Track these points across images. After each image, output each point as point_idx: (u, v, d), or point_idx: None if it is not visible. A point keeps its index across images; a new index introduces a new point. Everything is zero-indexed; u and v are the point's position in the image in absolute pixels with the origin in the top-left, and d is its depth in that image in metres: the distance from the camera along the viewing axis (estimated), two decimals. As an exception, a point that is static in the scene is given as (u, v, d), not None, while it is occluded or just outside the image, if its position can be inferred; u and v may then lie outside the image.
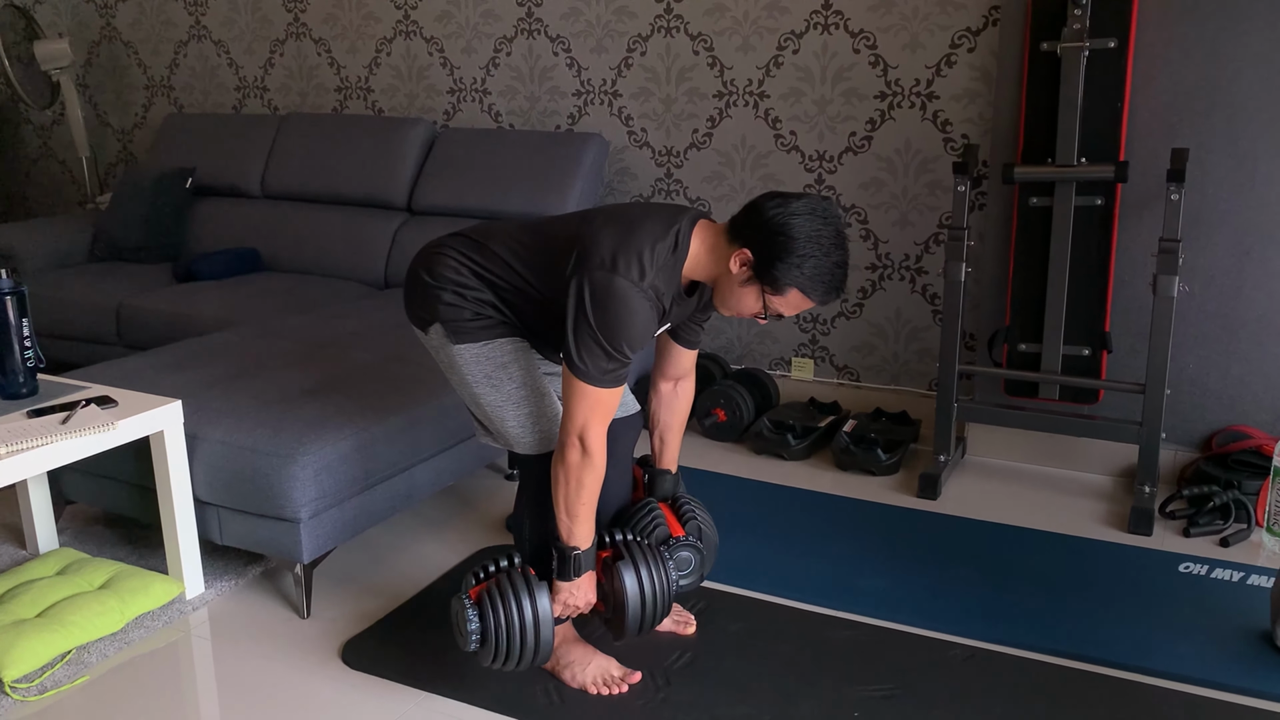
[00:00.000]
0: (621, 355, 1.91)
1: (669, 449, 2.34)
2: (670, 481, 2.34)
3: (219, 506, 2.50)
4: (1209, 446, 3.13)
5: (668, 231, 1.95)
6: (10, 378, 2.45)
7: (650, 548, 2.10)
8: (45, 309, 3.73)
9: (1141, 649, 2.30)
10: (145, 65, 5.03)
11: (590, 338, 1.89)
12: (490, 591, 2.01)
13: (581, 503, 1.98)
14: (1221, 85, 2.94)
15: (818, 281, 1.90)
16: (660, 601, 2.07)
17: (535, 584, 2.01)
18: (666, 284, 1.95)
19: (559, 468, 1.97)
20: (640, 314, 1.90)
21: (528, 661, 2.03)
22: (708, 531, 2.27)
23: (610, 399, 1.94)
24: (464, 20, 4.16)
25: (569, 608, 2.06)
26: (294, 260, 4.14)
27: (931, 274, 3.52)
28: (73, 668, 2.28)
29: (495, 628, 1.98)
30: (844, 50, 3.49)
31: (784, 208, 1.89)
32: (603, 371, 1.91)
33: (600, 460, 1.96)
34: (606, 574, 2.08)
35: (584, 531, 2.01)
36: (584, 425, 1.93)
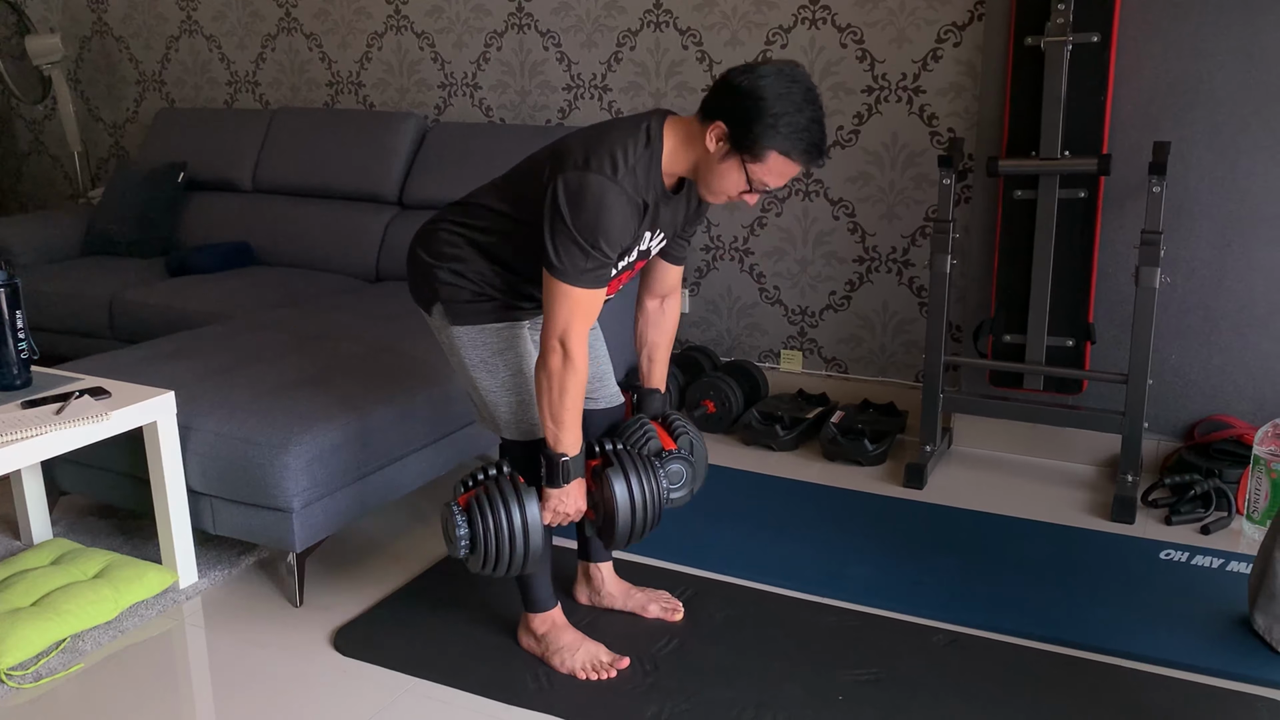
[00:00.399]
0: (600, 253, 1.90)
1: (657, 367, 2.33)
2: (660, 400, 2.32)
3: (212, 496, 2.52)
4: (1191, 436, 3.18)
5: (638, 128, 1.95)
6: (4, 369, 2.47)
7: (642, 457, 2.09)
8: (38, 303, 3.74)
9: (1122, 634, 2.34)
10: (137, 60, 5.04)
11: (566, 235, 1.88)
12: (479, 498, 2.01)
13: (565, 408, 1.97)
14: (1203, 79, 2.97)
15: (795, 139, 1.86)
16: (651, 510, 2.06)
17: (524, 490, 2.01)
18: (645, 179, 1.93)
19: (541, 374, 1.97)
20: (616, 209, 1.89)
21: (517, 567, 2.03)
22: (699, 446, 2.26)
23: (590, 301, 1.94)
24: (455, 15, 4.18)
25: (558, 515, 2.06)
26: (286, 254, 4.16)
27: (918, 267, 3.56)
28: (67, 656, 2.30)
29: (485, 534, 1.98)
30: (831, 45, 3.53)
31: (750, 73, 1.87)
32: (580, 270, 1.90)
33: (582, 364, 1.95)
34: (597, 482, 2.08)
35: (570, 438, 2.00)
36: (564, 328, 1.93)
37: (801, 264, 3.74)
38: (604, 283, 1.95)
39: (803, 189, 3.67)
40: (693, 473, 2.18)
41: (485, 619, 2.42)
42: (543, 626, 2.26)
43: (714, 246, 3.87)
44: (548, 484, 2.04)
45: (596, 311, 1.98)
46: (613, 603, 2.45)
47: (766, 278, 3.81)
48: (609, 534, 2.08)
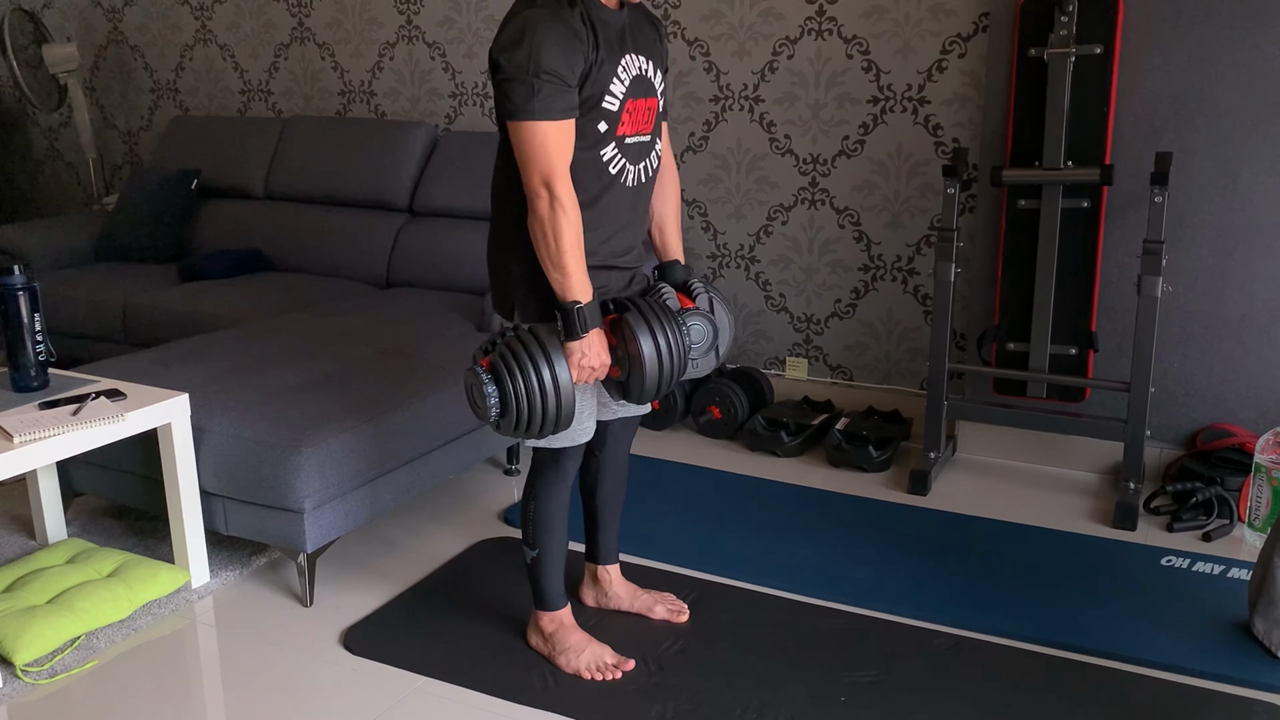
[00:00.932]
0: (545, 76, 1.86)
1: (669, 237, 2.28)
2: (681, 270, 2.26)
3: (224, 497, 2.56)
4: (1193, 444, 3.20)
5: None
6: (22, 371, 2.51)
7: (662, 305, 2.05)
8: (53, 308, 3.78)
9: (1124, 638, 2.37)
10: (151, 68, 5.11)
11: (507, 77, 1.87)
12: (504, 356, 1.94)
13: (564, 252, 1.92)
14: (1205, 91, 3.00)
15: None
16: (676, 359, 2.01)
17: (549, 343, 1.95)
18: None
19: (533, 225, 1.93)
20: (543, 27, 1.86)
21: (550, 426, 1.97)
22: (719, 308, 2.19)
23: (559, 135, 1.89)
24: (465, 25, 4.23)
25: (584, 370, 1.98)
26: (297, 260, 4.20)
27: (923, 275, 3.59)
28: (82, 653, 2.34)
29: (515, 391, 1.91)
30: (837, 56, 3.56)
31: None
32: (531, 101, 1.86)
33: (571, 205, 1.92)
34: (618, 334, 2.03)
35: (578, 283, 1.94)
36: (546, 171, 1.89)
37: (807, 272, 3.77)
38: (567, 111, 1.90)
39: (808, 197, 3.71)
40: (715, 331, 2.12)
41: (494, 619, 2.45)
42: (551, 626, 2.29)
43: (720, 254, 3.90)
44: (566, 337, 1.96)
45: (569, 147, 1.92)
46: (619, 604, 2.49)
47: (772, 285, 3.84)
48: (638, 383, 2.01)
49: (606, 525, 2.45)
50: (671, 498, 3.13)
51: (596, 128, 1.99)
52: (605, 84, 1.97)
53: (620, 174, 2.06)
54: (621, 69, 2.00)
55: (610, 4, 1.99)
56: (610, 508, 2.43)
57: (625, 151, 2.06)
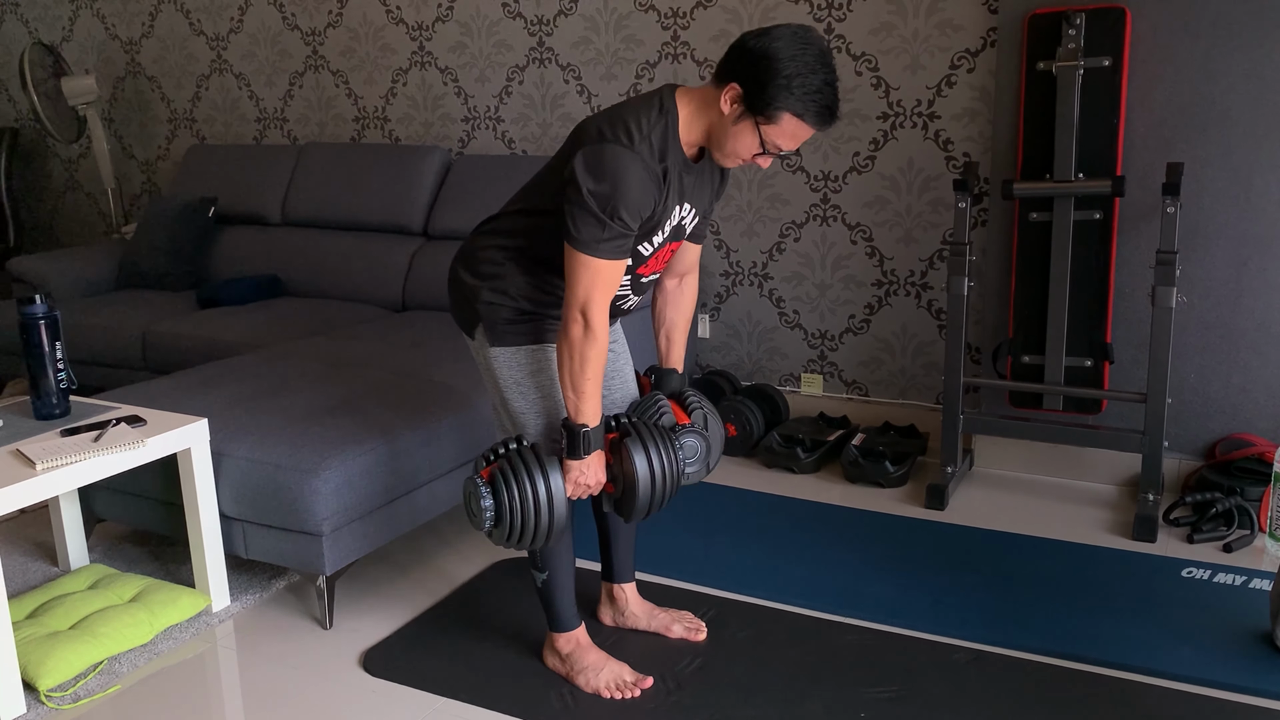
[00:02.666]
0: (619, 222, 1.91)
1: (675, 347, 2.34)
2: (677, 379, 2.34)
3: (244, 521, 2.58)
4: (1212, 454, 3.18)
5: (651, 100, 1.98)
6: (44, 399, 2.55)
7: (659, 428, 2.12)
8: (73, 336, 3.83)
9: (1144, 651, 2.35)
10: (168, 99, 5.18)
11: (583, 206, 1.90)
12: (503, 469, 2.02)
13: (586, 378, 1.99)
14: (1215, 100, 3.00)
15: (809, 101, 1.87)
16: (669, 482, 2.08)
17: (547, 461, 2.03)
18: (662, 146, 1.95)
19: (563, 344, 2.00)
20: (633, 176, 1.90)
21: (541, 538, 2.05)
22: (713, 423, 2.27)
23: (611, 272, 1.96)
24: (477, 50, 4.27)
25: (579, 486, 2.07)
26: (314, 285, 4.24)
27: (936, 289, 3.59)
28: (104, 677, 2.36)
29: (510, 505, 1.99)
30: (846, 73, 3.58)
31: (764, 36, 1.89)
32: (599, 240, 1.92)
33: (603, 335, 1.98)
34: (615, 454, 2.10)
35: (590, 408, 2.02)
36: (585, 299, 1.95)
37: (820, 288, 3.78)
38: (624, 254, 1.96)
39: (820, 214, 3.72)
40: (707, 447, 2.19)
41: (511, 639, 2.46)
42: (567, 646, 2.29)
43: (733, 272, 3.92)
44: (569, 455, 2.05)
45: (616, 284, 1.99)
46: (636, 623, 2.49)
47: (786, 302, 3.85)
48: (629, 505, 2.09)
49: (619, 544, 2.45)
50: (688, 515, 3.13)
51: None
52: (650, 234, 2.04)
53: (622, 300, 2.16)
54: (670, 219, 2.06)
55: (691, 157, 2.03)
56: (622, 526, 2.44)
57: (636, 286, 2.15)
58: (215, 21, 4.91)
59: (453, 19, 4.29)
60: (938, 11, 3.41)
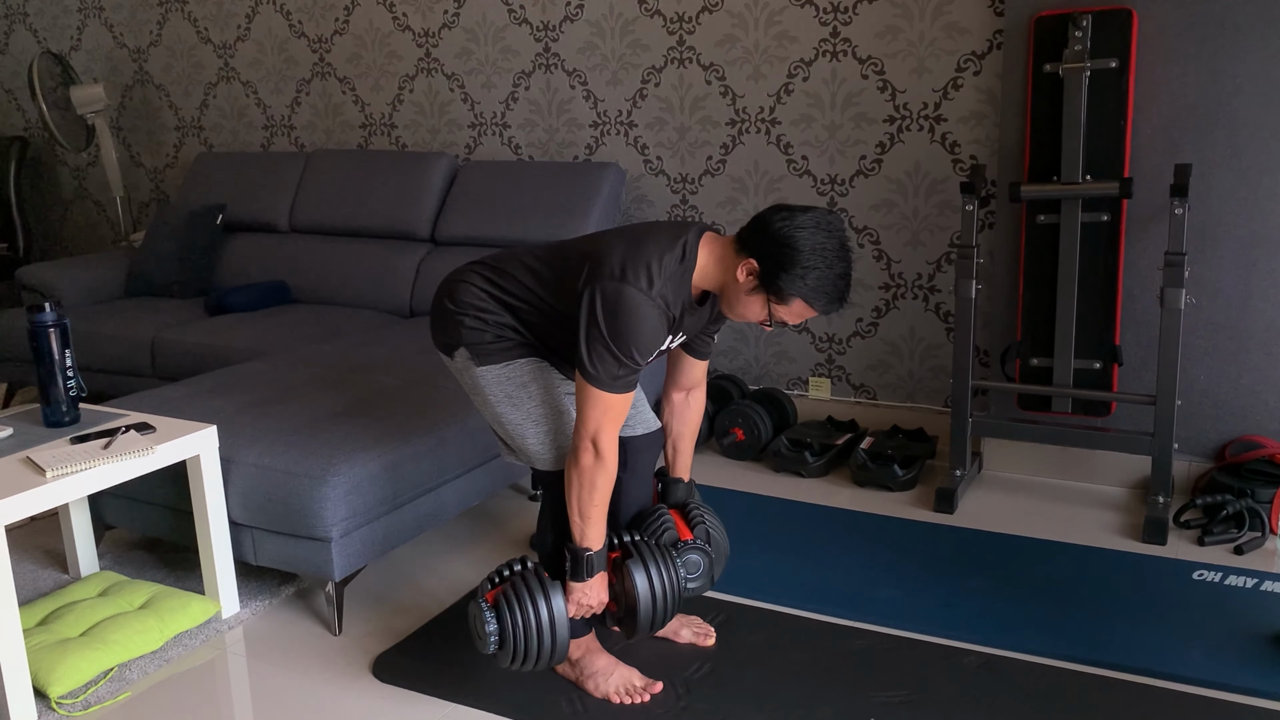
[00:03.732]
0: (631, 361, 1.98)
1: (681, 457, 2.41)
2: (683, 489, 2.40)
3: (253, 528, 2.59)
4: (1222, 456, 3.17)
5: (675, 243, 2.03)
6: (54, 406, 2.56)
7: (659, 548, 2.16)
8: (83, 343, 3.85)
9: (1155, 654, 2.34)
10: (176, 107, 5.20)
11: (601, 344, 1.96)
12: (506, 594, 2.08)
13: (594, 504, 2.05)
14: (1222, 101, 3.00)
15: (820, 292, 1.97)
16: (670, 600, 2.13)
17: (550, 585, 2.08)
18: (675, 293, 2.02)
19: (573, 471, 2.05)
20: (649, 321, 1.98)
21: (545, 661, 2.09)
22: (717, 536, 2.32)
23: (621, 404, 2.02)
24: (483, 57, 4.28)
25: (582, 607, 2.13)
26: (322, 292, 4.25)
27: (944, 292, 3.59)
28: (115, 684, 2.36)
29: (513, 629, 2.05)
30: (853, 76, 3.58)
31: (790, 221, 1.96)
32: (613, 377, 1.98)
33: (612, 463, 2.04)
34: (617, 574, 2.15)
35: (595, 533, 2.08)
36: (596, 430, 2.01)
37: (828, 292, 3.77)
38: (633, 387, 2.04)
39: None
40: (709, 562, 2.25)
41: (520, 645, 2.46)
42: (577, 651, 2.29)
43: (741, 277, 3.91)
44: (572, 578, 2.11)
45: (625, 414, 2.06)
46: (645, 628, 2.49)
47: (793, 306, 3.84)
48: (630, 624, 2.15)
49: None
50: (697, 520, 3.13)
51: None
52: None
53: None
54: (663, 347, 2.12)
55: (696, 298, 2.10)
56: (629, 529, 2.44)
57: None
58: (222, 29, 4.93)
59: (459, 25, 4.30)
60: (944, 14, 3.41)
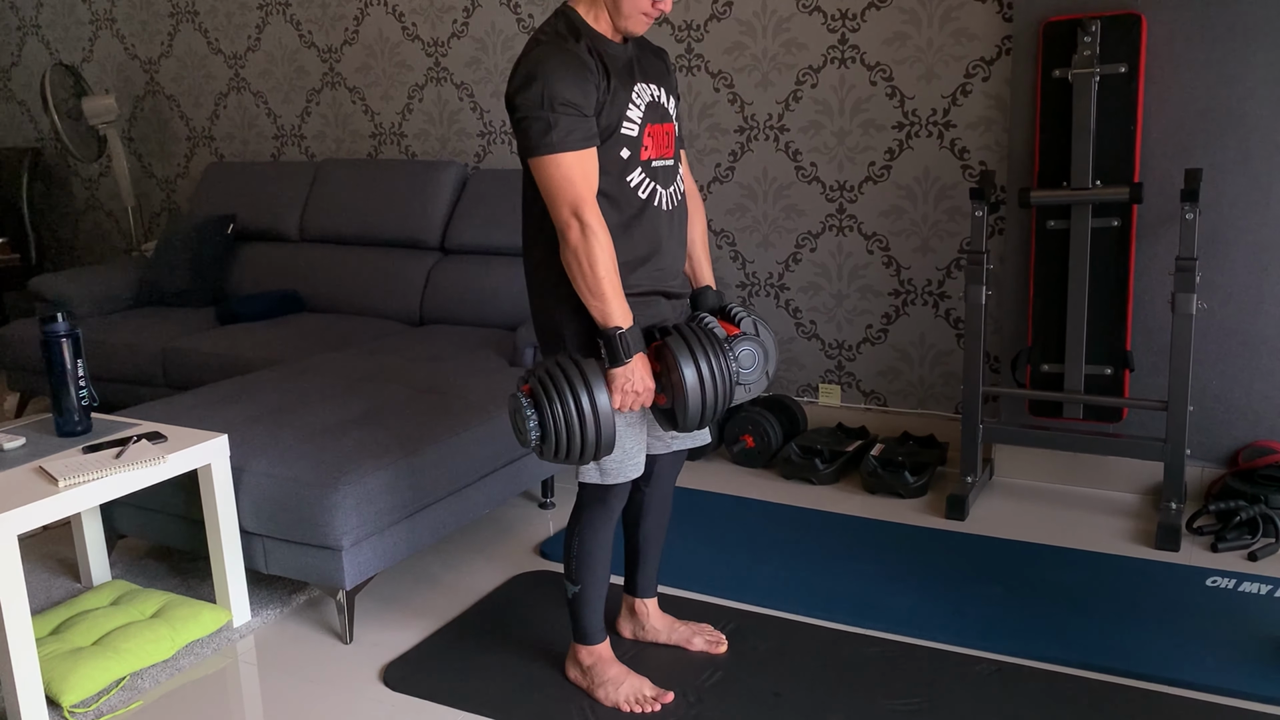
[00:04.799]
0: (561, 108, 1.90)
1: (700, 264, 2.30)
2: (713, 296, 2.28)
3: (264, 536, 2.59)
4: (1235, 462, 3.15)
5: (548, 19, 2.04)
6: (66, 416, 2.57)
7: (705, 330, 2.04)
8: (94, 353, 3.87)
9: (1169, 661, 2.33)
10: (187, 117, 5.22)
11: (525, 118, 1.92)
12: (544, 383, 1.95)
13: (600, 278, 1.93)
14: (1233, 106, 2.99)
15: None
16: (721, 386, 1.99)
17: (590, 371, 1.95)
18: (572, 32, 1.98)
19: (566, 255, 1.95)
20: (553, 60, 1.92)
21: (590, 453, 1.97)
22: (764, 329, 2.18)
23: (583, 163, 1.93)
24: (492, 66, 4.29)
25: (628, 395, 1.99)
26: (333, 300, 4.26)
27: (954, 298, 3.58)
28: (127, 693, 2.37)
29: (554, 419, 1.93)
30: (861, 83, 3.58)
31: None
32: (549, 135, 1.91)
33: (602, 231, 1.94)
34: (662, 362, 2.02)
35: (617, 308, 1.96)
36: (573, 201, 1.92)
37: (837, 298, 3.77)
38: (589, 141, 1.94)
39: (836, 224, 3.71)
40: (763, 352, 2.10)
41: (531, 653, 2.46)
42: (589, 659, 2.29)
43: (750, 283, 3.92)
44: (610, 363, 1.97)
45: (594, 176, 1.95)
46: (657, 636, 2.48)
47: (803, 312, 3.85)
48: (681, 411, 2.00)
49: (648, 560, 2.45)
50: (707, 528, 3.13)
51: (620, 154, 2.01)
52: (621, 111, 2.01)
53: (652, 197, 2.08)
54: (635, 95, 2.04)
55: (614, 38, 2.04)
56: (652, 543, 2.43)
57: (653, 175, 2.08)
58: (233, 40, 4.95)
59: (468, 35, 4.31)
60: (952, 20, 3.41)
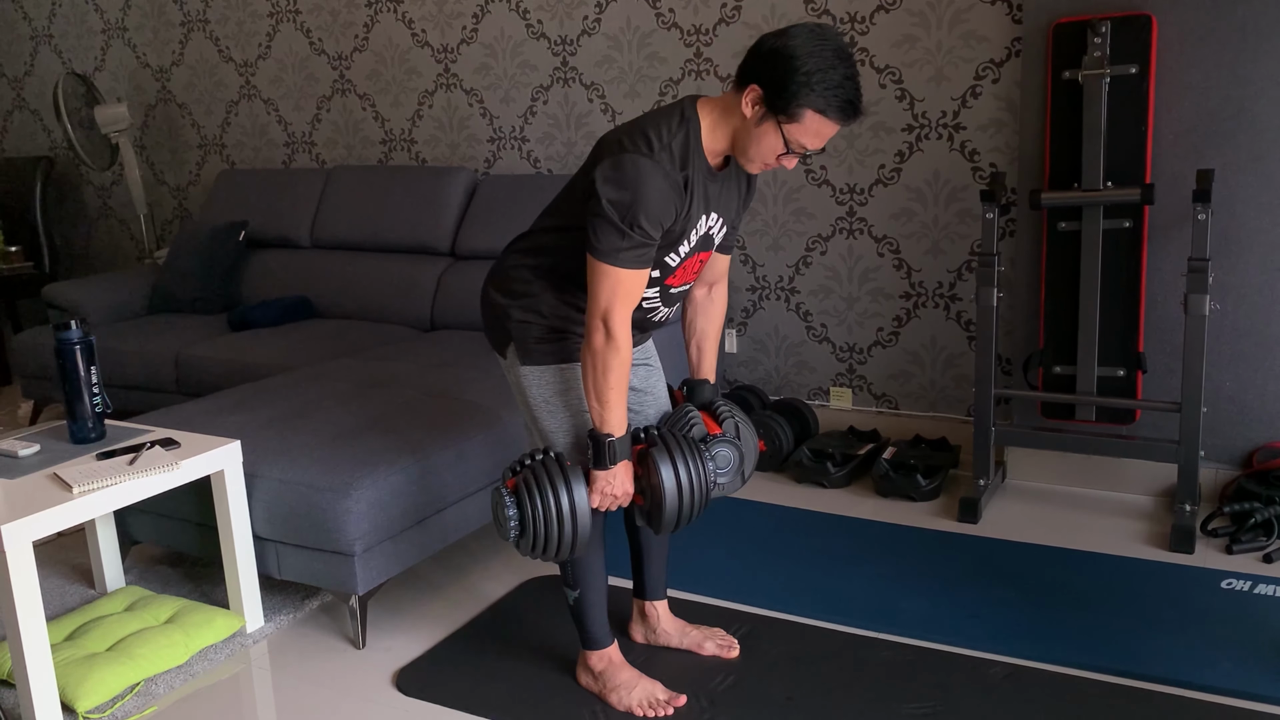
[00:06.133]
0: (638, 231, 1.91)
1: (706, 357, 2.34)
2: (709, 390, 2.32)
3: (277, 542, 2.60)
4: (1249, 463, 3.14)
5: (672, 111, 1.99)
6: (80, 423, 2.58)
7: (686, 439, 2.10)
8: (108, 360, 3.88)
9: (1184, 664, 2.32)
10: (199, 125, 5.25)
11: (603, 216, 1.91)
12: (527, 480, 2.02)
13: (609, 387, 1.99)
14: (1245, 106, 2.97)
15: (830, 96, 1.86)
16: (697, 493, 2.06)
17: (572, 472, 2.03)
18: (684, 155, 1.95)
19: (586, 354, 2.00)
20: (652, 184, 1.90)
21: (565, 550, 2.04)
22: (746, 433, 2.23)
23: (632, 281, 1.96)
24: (502, 71, 4.31)
25: (606, 497, 2.06)
26: (344, 306, 4.28)
27: (965, 301, 3.57)
28: (141, 699, 2.38)
29: (533, 516, 2.00)
30: (870, 85, 3.58)
31: (781, 36, 1.89)
32: (618, 250, 1.92)
33: (625, 344, 1.97)
34: (643, 466, 2.09)
35: (615, 418, 2.02)
36: (607, 308, 1.95)
37: (848, 301, 3.77)
38: (646, 263, 1.97)
39: (846, 227, 3.71)
40: (740, 457, 2.16)
41: (544, 658, 2.46)
42: (600, 664, 2.29)
43: (760, 286, 3.91)
44: (595, 465, 2.04)
45: (638, 293, 1.99)
46: (668, 640, 2.48)
47: (813, 316, 3.84)
48: (657, 517, 2.07)
49: (652, 560, 2.45)
50: (718, 532, 3.12)
51: (650, 273, 2.04)
52: (676, 243, 2.04)
53: (653, 313, 2.16)
54: (697, 229, 2.05)
55: (715, 162, 2.03)
56: (655, 543, 2.43)
57: (665, 298, 2.15)
58: (244, 48, 4.98)
59: (477, 41, 4.33)
60: (961, 23, 3.41)
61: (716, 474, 2.11)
